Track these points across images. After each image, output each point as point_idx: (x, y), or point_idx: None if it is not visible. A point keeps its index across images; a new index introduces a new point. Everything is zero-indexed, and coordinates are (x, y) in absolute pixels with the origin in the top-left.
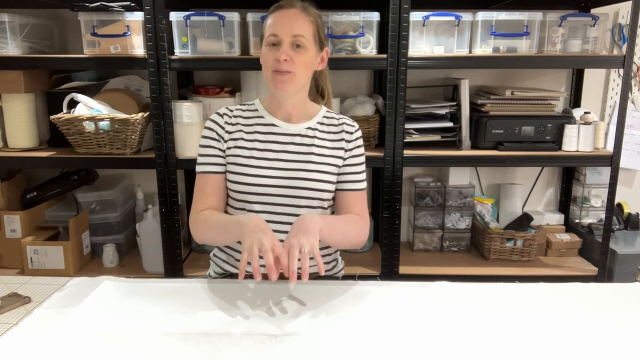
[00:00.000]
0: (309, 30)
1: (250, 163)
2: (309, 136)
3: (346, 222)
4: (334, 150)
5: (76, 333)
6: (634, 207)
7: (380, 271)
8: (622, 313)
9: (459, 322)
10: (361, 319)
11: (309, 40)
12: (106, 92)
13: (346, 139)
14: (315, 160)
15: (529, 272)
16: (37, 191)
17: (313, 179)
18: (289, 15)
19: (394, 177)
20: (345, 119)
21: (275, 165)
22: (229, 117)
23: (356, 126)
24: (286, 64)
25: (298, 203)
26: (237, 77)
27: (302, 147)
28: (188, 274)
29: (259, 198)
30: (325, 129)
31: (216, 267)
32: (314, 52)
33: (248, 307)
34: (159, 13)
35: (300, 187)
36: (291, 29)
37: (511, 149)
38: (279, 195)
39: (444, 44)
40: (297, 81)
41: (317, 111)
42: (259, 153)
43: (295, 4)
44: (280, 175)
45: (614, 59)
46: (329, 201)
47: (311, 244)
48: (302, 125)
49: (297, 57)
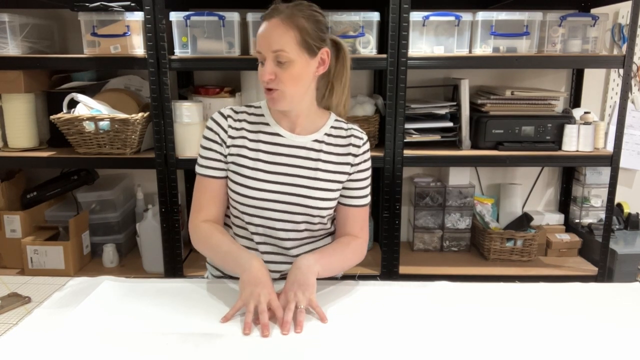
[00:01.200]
0: (291, 40)
1: (253, 175)
2: (315, 150)
3: (343, 251)
4: (340, 166)
5: (76, 333)
6: (634, 207)
7: (380, 271)
8: (622, 313)
9: (459, 322)
10: (361, 319)
11: (292, 52)
12: (106, 92)
13: (353, 152)
14: (321, 177)
15: (529, 272)
16: (37, 191)
17: (317, 198)
18: (269, 28)
19: (394, 177)
20: (354, 130)
21: (279, 180)
22: (233, 121)
23: (365, 138)
24: (271, 82)
25: (297, 219)
26: (237, 77)
27: (309, 162)
28: (188, 274)
29: (259, 212)
30: (333, 141)
31: (214, 270)
32: (302, 62)
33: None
34: (159, 13)
35: (303, 204)
36: (270, 45)
37: (511, 149)
38: (279, 210)
39: (444, 44)
40: (287, 97)
41: (325, 121)
42: (261, 165)
43: (279, 11)
44: (284, 191)
45: (614, 59)
46: (329, 216)
47: (308, 299)
48: (309, 137)
49: (282, 73)
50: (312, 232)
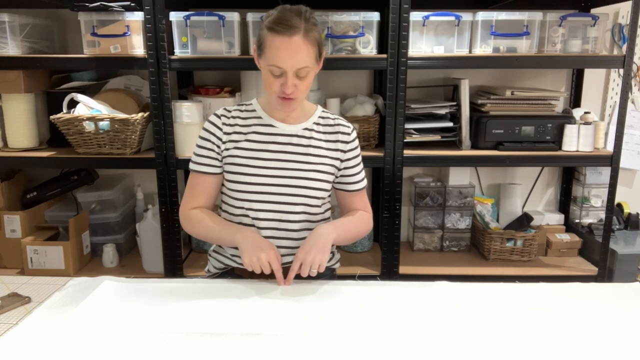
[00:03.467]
0: (312, 55)
1: (248, 163)
2: (306, 137)
3: (355, 222)
4: (331, 152)
5: (76, 333)
6: (634, 207)
7: (380, 271)
8: (622, 313)
9: (459, 322)
10: (361, 319)
11: (312, 64)
12: (106, 92)
13: (342, 140)
14: (313, 160)
15: (529, 272)
16: (37, 191)
17: (310, 178)
18: (292, 46)
19: (394, 177)
20: (340, 120)
21: (273, 165)
22: (227, 119)
23: (351, 127)
24: (292, 93)
25: (295, 201)
26: (237, 77)
27: (300, 148)
28: (188, 273)
29: (258, 197)
30: (322, 129)
31: (216, 262)
32: (315, 69)
33: (248, 307)
34: (159, 13)
35: (298, 185)
36: (295, 63)
37: (511, 149)
38: (277, 193)
39: (444, 44)
40: (300, 101)
41: (314, 111)
42: (257, 153)
43: (297, 28)
44: (279, 175)
45: (614, 59)
46: (324, 199)
47: (321, 263)
48: (300, 125)
49: (301, 84)
50: (310, 215)
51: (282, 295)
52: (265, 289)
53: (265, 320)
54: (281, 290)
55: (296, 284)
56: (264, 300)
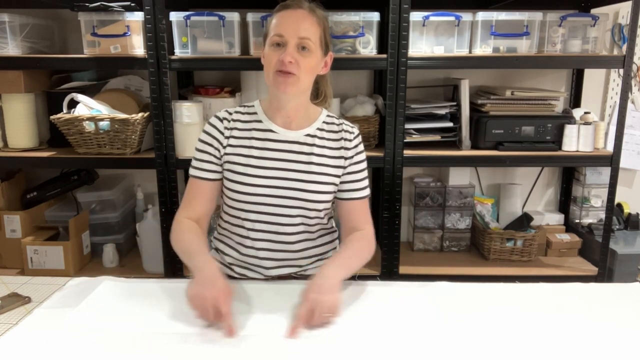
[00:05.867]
0: (316, 33)
1: (246, 172)
2: (308, 144)
3: (359, 252)
4: (334, 160)
5: (76, 333)
6: (634, 207)
7: (380, 271)
8: (622, 313)
9: (459, 322)
10: (361, 319)
11: (315, 44)
12: (106, 92)
13: (345, 146)
14: (315, 170)
15: (529, 272)
16: (37, 191)
17: (311, 190)
18: (296, 15)
19: (394, 177)
20: (345, 124)
21: (272, 175)
22: (229, 122)
23: (356, 132)
24: (291, 65)
25: (292, 213)
26: (237, 77)
27: (302, 156)
28: (188, 274)
29: (253, 207)
30: (325, 135)
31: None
32: (319, 56)
33: (248, 308)
34: (159, 13)
35: (297, 197)
36: (298, 31)
37: (511, 149)
38: (273, 205)
39: (444, 44)
40: (300, 85)
41: (318, 115)
42: (255, 161)
43: (303, 4)
44: (278, 185)
45: (614, 59)
46: (325, 210)
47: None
48: (301, 132)
49: (303, 60)
50: (309, 226)
51: (282, 296)
52: (264, 290)
53: (264, 321)
54: (281, 291)
55: (295, 284)
56: (263, 300)
